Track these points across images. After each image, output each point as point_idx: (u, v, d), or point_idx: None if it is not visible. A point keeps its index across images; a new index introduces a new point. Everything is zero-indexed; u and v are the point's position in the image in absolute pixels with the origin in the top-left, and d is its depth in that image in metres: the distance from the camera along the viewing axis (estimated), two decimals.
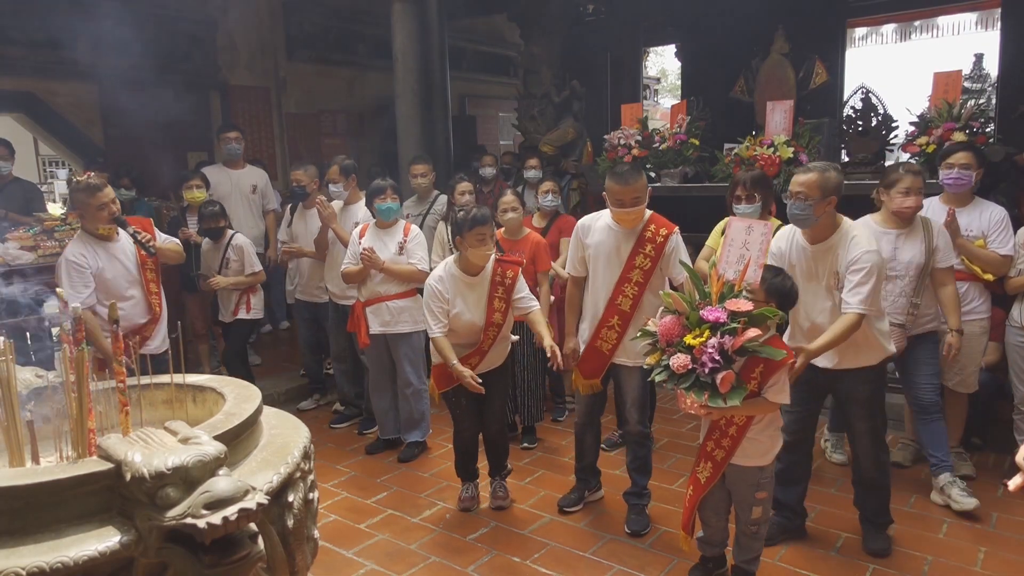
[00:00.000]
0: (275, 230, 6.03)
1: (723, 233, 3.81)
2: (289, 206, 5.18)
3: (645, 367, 2.62)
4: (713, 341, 2.37)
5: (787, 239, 3.07)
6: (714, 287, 2.53)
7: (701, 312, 2.45)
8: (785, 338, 3.11)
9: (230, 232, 4.90)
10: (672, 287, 3.25)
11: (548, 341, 3.37)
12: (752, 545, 2.79)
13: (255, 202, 5.89)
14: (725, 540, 2.91)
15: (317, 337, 5.10)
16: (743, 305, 2.45)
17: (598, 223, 3.39)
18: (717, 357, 2.36)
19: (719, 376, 2.36)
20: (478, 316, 3.43)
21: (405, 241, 4.11)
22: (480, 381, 3.35)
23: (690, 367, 2.40)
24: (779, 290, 2.66)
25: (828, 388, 3.16)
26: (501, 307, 3.45)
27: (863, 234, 2.88)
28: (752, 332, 2.40)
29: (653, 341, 2.56)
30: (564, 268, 3.83)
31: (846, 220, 2.95)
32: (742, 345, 2.38)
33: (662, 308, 2.63)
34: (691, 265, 3.04)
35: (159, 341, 3.79)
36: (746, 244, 2.71)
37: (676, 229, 3.33)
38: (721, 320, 2.41)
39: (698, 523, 2.87)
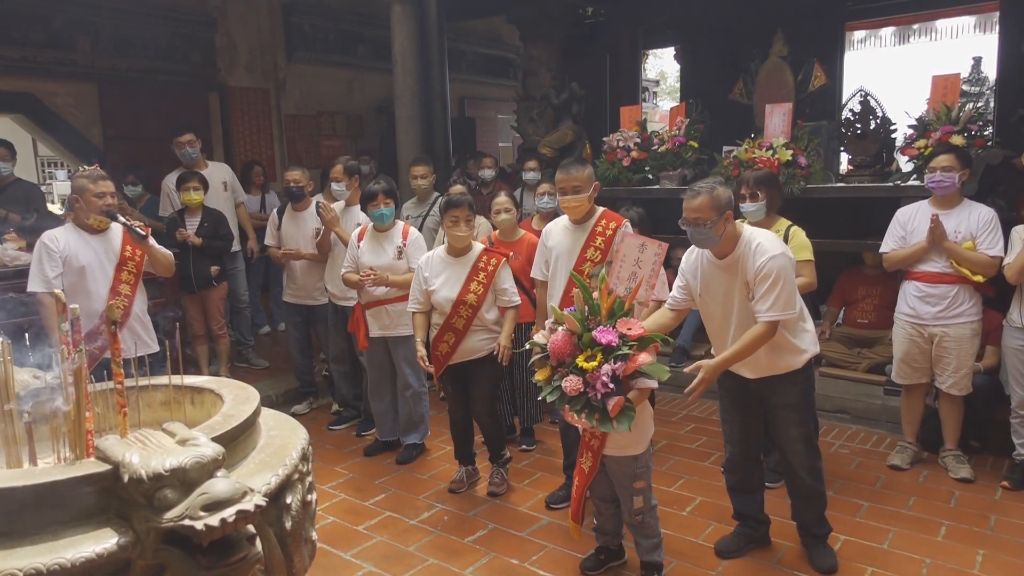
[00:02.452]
0: (249, 223, 6.00)
1: None
2: (276, 209, 5.11)
3: (534, 381, 2.68)
4: (607, 368, 2.43)
5: (696, 257, 2.99)
6: (604, 302, 2.57)
7: (593, 333, 2.50)
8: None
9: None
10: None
11: (502, 339, 3.62)
12: (642, 536, 2.88)
13: (229, 199, 5.83)
14: (618, 530, 3.02)
15: (308, 340, 5.07)
16: (634, 328, 2.50)
17: (558, 226, 3.59)
18: (611, 384, 2.43)
19: (611, 402, 2.43)
20: (452, 293, 3.62)
21: (404, 245, 4.11)
22: (426, 359, 3.65)
23: (582, 390, 2.47)
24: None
25: (758, 395, 3.03)
26: (478, 290, 3.62)
27: (766, 240, 2.79)
28: (643, 358, 2.46)
29: (544, 355, 2.61)
30: None
31: (746, 229, 2.85)
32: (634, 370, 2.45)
33: (551, 320, 2.67)
34: None
35: (126, 346, 3.59)
36: (638, 262, 2.73)
37: (625, 222, 3.49)
38: (613, 344, 2.46)
39: (591, 512, 3.02)
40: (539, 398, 2.65)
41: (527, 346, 2.75)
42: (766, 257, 2.73)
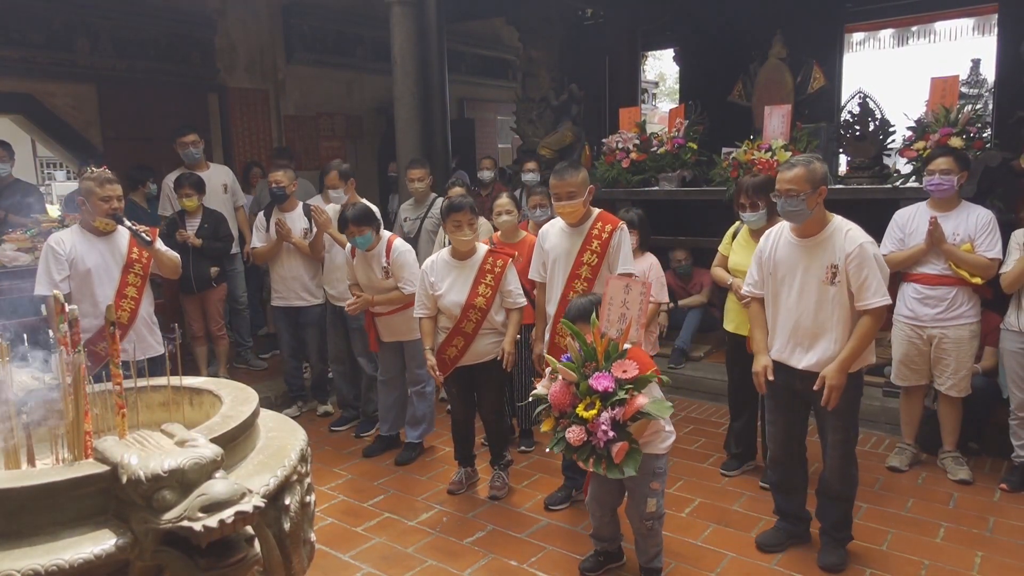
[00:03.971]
0: (248, 226, 5.97)
1: (734, 238, 3.86)
2: (262, 212, 5.01)
3: (542, 431, 2.71)
4: (605, 416, 2.44)
5: (772, 239, 3.03)
6: (599, 346, 2.58)
7: (590, 381, 2.51)
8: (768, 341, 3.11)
9: None
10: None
11: (506, 344, 3.61)
12: (649, 543, 2.88)
13: (229, 201, 5.79)
14: (615, 535, 3.02)
15: (298, 342, 5.05)
16: (630, 369, 2.51)
17: (554, 228, 3.58)
18: (612, 433, 2.44)
19: (614, 448, 2.44)
20: (461, 297, 3.60)
21: (387, 263, 4.09)
22: (436, 368, 3.64)
23: (585, 439, 2.49)
24: (580, 309, 2.89)
25: (807, 396, 3.01)
26: (486, 292, 3.61)
27: (857, 228, 2.85)
28: (641, 400, 2.47)
29: (547, 406, 2.63)
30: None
31: (837, 216, 2.93)
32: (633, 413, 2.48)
33: (550, 369, 2.69)
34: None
35: (133, 347, 3.49)
36: (625, 303, 2.75)
37: (621, 224, 3.48)
38: (610, 390, 2.47)
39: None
40: (547, 449, 2.66)
41: (531, 398, 2.75)
42: (860, 243, 2.77)
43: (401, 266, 4.07)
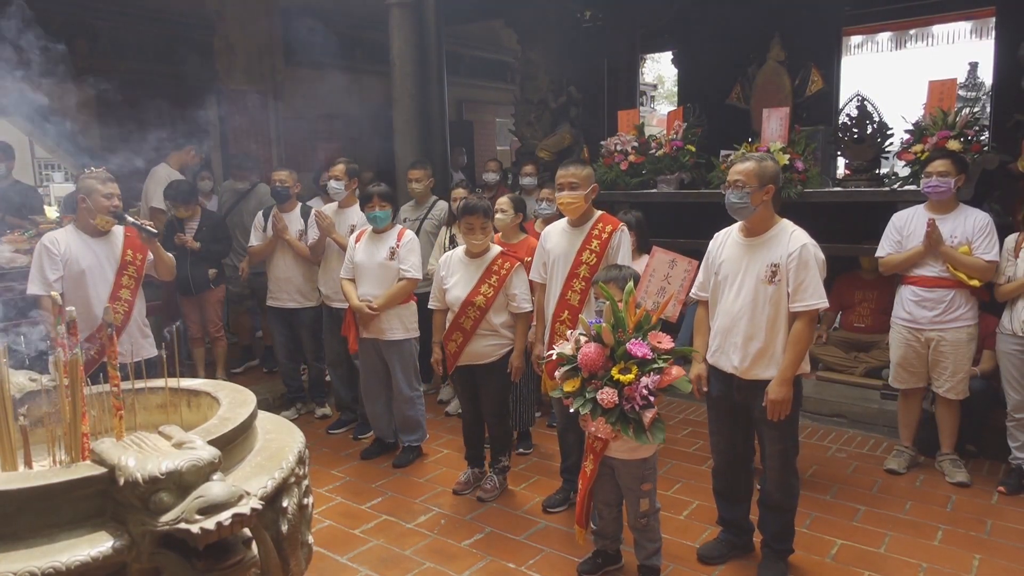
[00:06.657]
0: None
1: None
2: (260, 212, 5.01)
3: (563, 391, 2.70)
4: (646, 381, 2.49)
5: (720, 240, 3.04)
6: (630, 316, 2.59)
7: (627, 346, 2.53)
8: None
9: None
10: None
11: (514, 358, 3.66)
12: (646, 539, 2.91)
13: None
14: (617, 534, 3.03)
15: (293, 344, 5.05)
16: (665, 341, 2.56)
17: (556, 228, 3.60)
18: (651, 398, 2.49)
19: (647, 414, 2.48)
20: (463, 293, 3.65)
21: (397, 247, 4.12)
22: (441, 362, 3.75)
23: (617, 402, 2.52)
24: (612, 270, 3.02)
25: (744, 406, 2.97)
26: (488, 292, 3.63)
27: (803, 231, 2.85)
28: (677, 371, 2.51)
29: (572, 366, 2.64)
30: None
31: (786, 219, 2.92)
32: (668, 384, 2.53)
33: (578, 331, 2.71)
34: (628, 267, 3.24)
35: (126, 350, 3.51)
36: (668, 278, 2.75)
37: (621, 226, 3.49)
38: (648, 357, 2.52)
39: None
40: (571, 410, 2.66)
41: (554, 355, 2.75)
42: (803, 244, 2.77)
43: (410, 251, 4.14)
